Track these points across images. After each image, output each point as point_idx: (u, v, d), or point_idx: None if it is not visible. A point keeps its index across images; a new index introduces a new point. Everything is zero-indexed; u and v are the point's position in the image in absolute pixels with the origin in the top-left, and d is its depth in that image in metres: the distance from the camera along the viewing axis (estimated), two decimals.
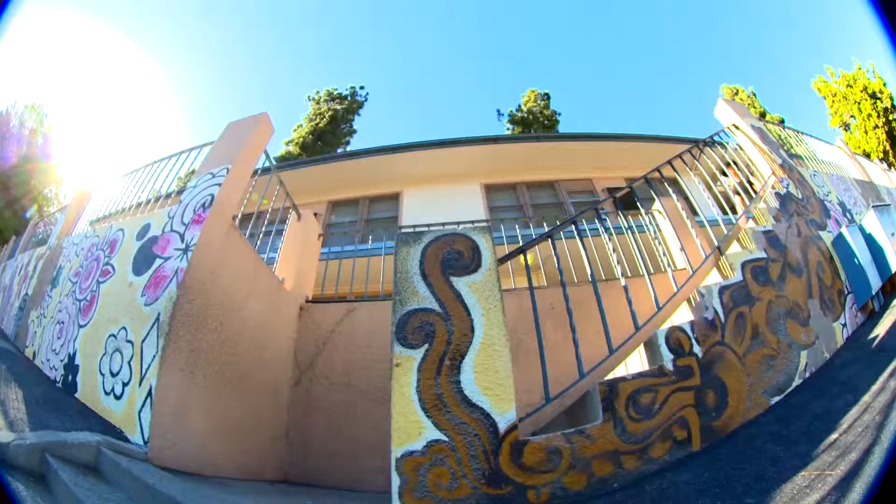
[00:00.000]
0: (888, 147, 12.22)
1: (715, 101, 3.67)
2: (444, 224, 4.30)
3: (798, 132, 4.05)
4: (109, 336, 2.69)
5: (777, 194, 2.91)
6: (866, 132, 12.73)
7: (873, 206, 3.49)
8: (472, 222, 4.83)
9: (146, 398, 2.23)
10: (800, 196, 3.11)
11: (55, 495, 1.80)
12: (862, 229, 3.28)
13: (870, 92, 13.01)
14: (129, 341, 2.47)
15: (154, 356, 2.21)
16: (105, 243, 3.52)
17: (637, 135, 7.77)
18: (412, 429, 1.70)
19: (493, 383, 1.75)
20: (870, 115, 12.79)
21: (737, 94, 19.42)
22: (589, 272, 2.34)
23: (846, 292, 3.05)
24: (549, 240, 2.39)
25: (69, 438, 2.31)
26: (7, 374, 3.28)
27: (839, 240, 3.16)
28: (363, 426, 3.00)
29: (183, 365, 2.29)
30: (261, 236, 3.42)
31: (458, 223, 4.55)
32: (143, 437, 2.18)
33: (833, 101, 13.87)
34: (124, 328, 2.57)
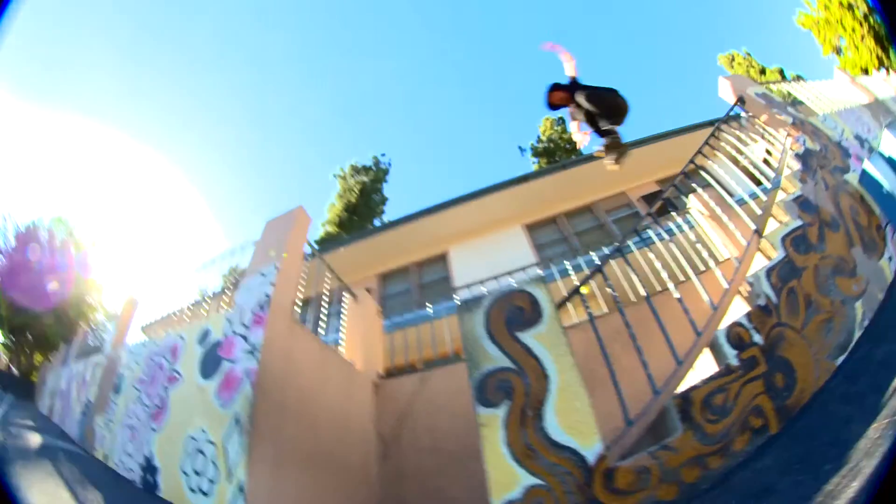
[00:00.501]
0: (879, 53, 11.81)
1: (714, 75, 3.63)
2: (496, 277, 4.47)
3: (798, 78, 3.97)
4: (188, 438, 2.79)
5: (797, 155, 2.90)
6: (857, 48, 12.38)
7: (886, 126, 3.42)
8: (523, 268, 4.90)
9: (238, 493, 2.26)
10: (817, 148, 3.08)
11: None
12: (882, 155, 3.22)
13: (846, 5, 12.60)
14: (210, 441, 2.55)
15: (239, 454, 2.29)
16: (166, 350, 3.66)
17: (656, 135, 7.53)
18: (508, 480, 1.78)
19: (575, 422, 1.82)
20: (853, 28, 12.40)
21: (733, 60, 19.25)
22: (644, 293, 2.40)
23: (884, 225, 3.02)
24: (600, 272, 2.46)
25: None
26: (83, 478, 3.38)
27: (864, 176, 3.11)
28: (457, 486, 3.00)
29: (269, 458, 2.35)
30: (319, 320, 3.51)
31: (510, 272, 4.63)
32: None
33: (819, 30, 13.51)
34: (203, 429, 2.66)
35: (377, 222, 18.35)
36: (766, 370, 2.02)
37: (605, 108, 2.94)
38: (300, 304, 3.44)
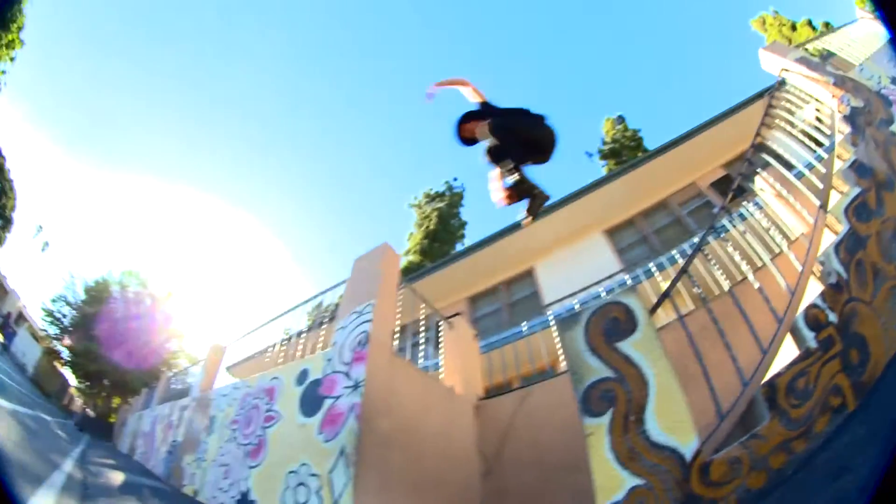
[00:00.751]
0: None
1: (753, 43, 3.55)
2: (584, 288, 4.60)
3: (827, 27, 3.82)
4: (289, 473, 2.93)
5: (844, 118, 2.86)
6: None
7: None
8: (610, 276, 5.02)
9: None
10: (861, 104, 3.02)
11: None
12: None
13: None
14: (313, 475, 2.69)
15: (345, 484, 2.41)
16: (261, 392, 3.84)
17: (711, 119, 7.29)
18: (612, 483, 1.90)
19: (673, 422, 1.92)
20: None
21: (764, 22, 18.97)
22: (726, 286, 2.48)
23: None
24: (685, 273, 2.53)
25: None
26: None
27: None
28: (559, 498, 3.05)
29: (376, 487, 2.47)
30: (417, 348, 3.64)
31: (598, 282, 4.74)
32: None
33: None
34: (305, 464, 2.80)
35: (459, 246, 18.45)
36: (842, 348, 2.06)
37: (522, 142, 2.21)
38: (397, 334, 3.53)
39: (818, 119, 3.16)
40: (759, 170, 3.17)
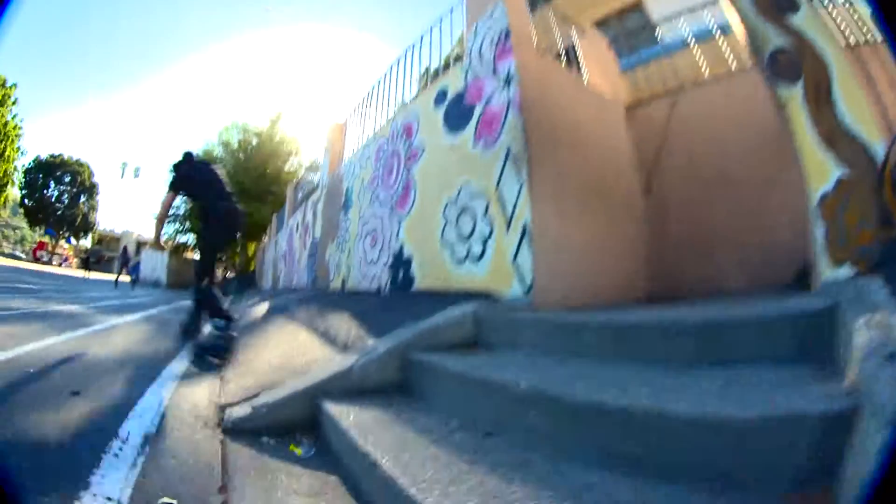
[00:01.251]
0: None
1: None
2: None
3: None
4: (445, 206, 2.81)
5: None
6: None
7: None
8: None
9: (519, 242, 2.20)
10: None
11: (444, 394, 1.49)
12: None
13: None
14: (477, 195, 2.56)
15: (519, 191, 2.26)
16: (397, 136, 3.72)
17: None
18: (821, 170, 1.60)
19: (859, 113, 1.55)
20: None
21: None
22: None
23: None
24: None
25: (437, 322, 1.91)
26: (321, 312, 3.24)
27: None
28: (720, 218, 2.92)
29: (551, 191, 2.31)
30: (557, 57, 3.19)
31: None
32: (524, 285, 2.13)
33: None
34: (464, 186, 2.67)
35: None
36: None
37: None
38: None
39: None
40: None
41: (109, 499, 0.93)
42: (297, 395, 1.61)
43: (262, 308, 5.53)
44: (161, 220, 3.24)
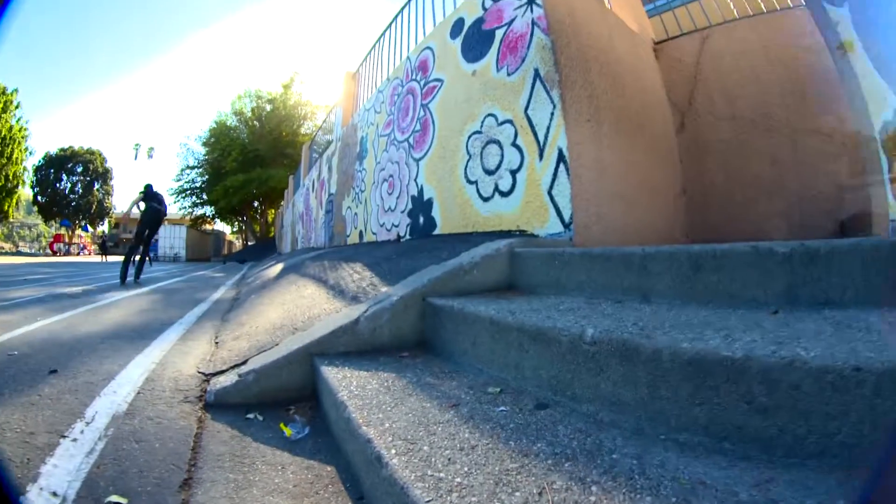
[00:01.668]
0: None
1: None
2: None
3: None
4: (469, 137, 2.55)
5: None
6: None
7: None
8: None
9: (555, 170, 1.99)
10: None
11: (476, 351, 1.20)
12: None
13: None
14: (504, 122, 2.32)
15: (552, 113, 2.03)
16: (413, 72, 3.46)
17: None
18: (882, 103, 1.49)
19: None
20: None
21: None
22: None
23: None
24: None
25: (463, 261, 1.60)
26: (333, 265, 3.04)
27: None
28: (758, 164, 2.77)
29: (586, 114, 2.12)
30: None
31: None
32: (562, 219, 1.93)
33: None
34: (491, 114, 2.42)
35: None
36: None
37: None
38: None
39: None
40: None
41: (55, 494, 0.80)
42: (291, 358, 1.32)
43: (274, 269, 5.46)
44: (131, 207, 5.65)
